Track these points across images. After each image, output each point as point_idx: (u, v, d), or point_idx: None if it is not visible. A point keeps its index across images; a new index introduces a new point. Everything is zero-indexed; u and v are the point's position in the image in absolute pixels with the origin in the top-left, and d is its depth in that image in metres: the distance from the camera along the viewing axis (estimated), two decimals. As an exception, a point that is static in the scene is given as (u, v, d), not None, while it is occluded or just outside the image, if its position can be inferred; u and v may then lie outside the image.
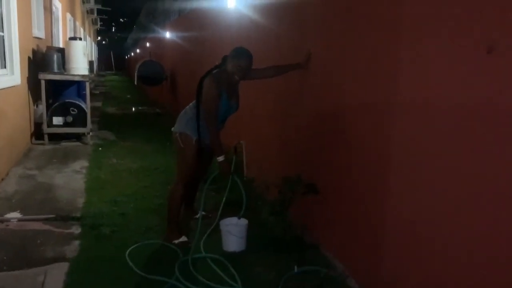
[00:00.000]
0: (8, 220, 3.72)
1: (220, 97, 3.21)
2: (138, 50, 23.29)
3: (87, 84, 7.23)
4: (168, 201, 3.52)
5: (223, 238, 3.34)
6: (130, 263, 3.02)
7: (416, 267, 2.20)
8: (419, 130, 2.17)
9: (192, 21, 8.57)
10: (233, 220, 3.45)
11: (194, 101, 3.38)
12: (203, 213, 3.55)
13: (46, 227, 3.63)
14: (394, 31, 2.37)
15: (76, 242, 3.36)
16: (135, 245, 3.31)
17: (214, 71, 3.30)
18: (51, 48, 7.61)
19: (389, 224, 2.44)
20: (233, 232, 3.27)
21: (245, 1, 5.03)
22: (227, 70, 3.24)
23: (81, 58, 7.14)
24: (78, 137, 7.32)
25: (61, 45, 9.87)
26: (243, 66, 3.21)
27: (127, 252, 3.17)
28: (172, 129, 3.49)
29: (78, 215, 3.87)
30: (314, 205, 3.32)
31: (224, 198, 3.68)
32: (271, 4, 4.28)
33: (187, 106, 3.49)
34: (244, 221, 3.40)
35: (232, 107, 3.41)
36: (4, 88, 5.04)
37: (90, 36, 24.76)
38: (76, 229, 3.60)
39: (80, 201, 4.28)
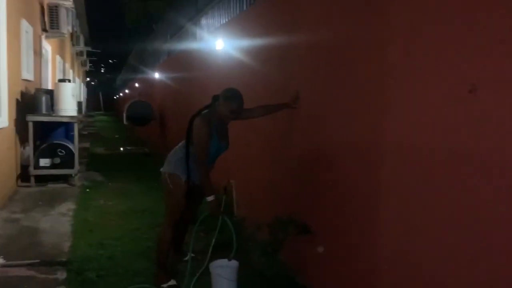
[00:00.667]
0: (-10, 266, 3.60)
1: (210, 137, 3.21)
2: (127, 91, 23.47)
3: (76, 125, 7.22)
4: (156, 244, 3.45)
5: (213, 281, 3.26)
6: (117, 310, 2.92)
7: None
8: (408, 169, 2.19)
9: (181, 62, 8.71)
10: (224, 262, 3.37)
11: (183, 141, 3.36)
12: (192, 255, 3.47)
13: (30, 272, 3.51)
14: (380, 73, 2.43)
15: (61, 288, 3.25)
16: (123, 290, 3.21)
17: (205, 111, 3.31)
18: (40, 90, 7.62)
19: (383, 265, 2.41)
20: (224, 275, 3.19)
21: (233, 43, 5.15)
22: (218, 110, 3.25)
23: (70, 99, 7.15)
24: (65, 178, 7.22)
25: (50, 87, 9.90)
26: (236, 109, 3.22)
27: (114, 298, 3.07)
28: (161, 169, 3.46)
29: (64, 259, 3.77)
30: (306, 246, 3.28)
31: (213, 240, 3.62)
32: (259, 46, 4.39)
33: (176, 146, 3.47)
34: (234, 263, 3.33)
35: (222, 147, 3.40)
36: (-9, 131, 5.00)
37: (79, 77, 24.94)
38: (61, 275, 3.49)
39: (66, 245, 4.17)
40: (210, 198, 3.21)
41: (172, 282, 3.36)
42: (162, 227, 3.50)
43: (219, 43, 5.42)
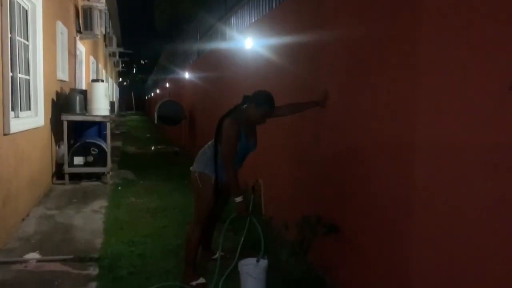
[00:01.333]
0: (26, 261, 3.72)
1: (239, 137, 3.21)
2: (158, 91, 23.85)
3: (108, 125, 7.39)
4: (185, 242, 3.48)
5: (242, 280, 3.26)
6: (147, 307, 2.96)
7: (444, 313, 2.09)
8: (441, 168, 2.11)
9: (211, 61, 8.77)
10: (252, 261, 3.37)
11: (212, 141, 3.39)
12: (221, 253, 3.49)
13: (64, 268, 3.61)
14: (411, 70, 2.36)
15: (93, 284, 3.32)
16: (153, 287, 3.25)
17: (234, 111, 3.32)
18: (74, 90, 7.84)
19: (414, 265, 2.34)
20: (252, 274, 3.19)
21: (262, 42, 5.13)
22: (250, 113, 3.28)
23: (103, 99, 7.33)
24: (98, 176, 7.40)
25: (83, 87, 10.18)
26: (268, 114, 3.29)
27: (144, 295, 3.11)
28: (191, 168, 3.49)
29: (96, 256, 3.85)
30: (335, 246, 3.23)
31: (242, 239, 3.62)
32: (288, 44, 4.36)
33: (206, 145, 3.49)
34: (263, 263, 3.32)
35: (250, 147, 3.41)
36: (28, 130, 5.17)
37: (112, 77, 25.52)
38: (93, 271, 3.57)
39: (98, 241, 4.27)
40: (238, 199, 3.23)
41: (201, 280, 3.39)
42: (190, 225, 3.53)
43: (248, 42, 5.42)
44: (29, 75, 5.66)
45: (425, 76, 2.25)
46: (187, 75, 11.71)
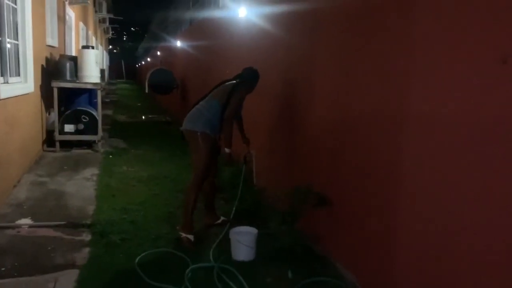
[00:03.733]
0: (19, 226, 3.75)
1: None
2: (149, 59, 23.51)
3: (99, 92, 7.31)
4: (184, 197, 3.75)
5: (233, 247, 3.33)
6: (140, 272, 3.02)
7: (430, 280, 2.17)
8: (432, 140, 2.15)
9: (203, 30, 8.64)
10: (243, 229, 3.44)
11: (204, 101, 3.71)
12: (224, 218, 3.97)
13: (57, 234, 3.65)
14: (406, 40, 2.36)
15: (86, 250, 3.36)
16: (145, 253, 3.31)
17: (239, 80, 3.80)
18: (64, 57, 7.71)
19: (401, 235, 2.41)
20: (243, 242, 3.26)
21: (256, 10, 5.06)
22: (243, 83, 3.77)
23: (93, 66, 7.22)
24: (89, 144, 7.38)
25: (73, 54, 10.00)
26: (254, 87, 3.87)
27: (137, 261, 3.17)
28: (186, 127, 3.67)
29: (89, 222, 3.89)
30: (325, 215, 3.30)
31: (234, 208, 3.69)
32: (281, 13, 4.30)
33: (199, 106, 3.72)
34: (254, 230, 3.39)
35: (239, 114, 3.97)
36: (17, 96, 5.10)
37: (102, 44, 25.04)
38: (86, 237, 3.61)
39: (91, 208, 4.30)
40: (227, 150, 3.66)
41: (191, 236, 3.54)
42: (191, 181, 3.68)
43: (241, 10, 5.34)
44: (17, 40, 5.54)
45: (419, 49, 2.26)
46: (178, 43, 11.54)
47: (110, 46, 44.24)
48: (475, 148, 1.88)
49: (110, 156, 6.79)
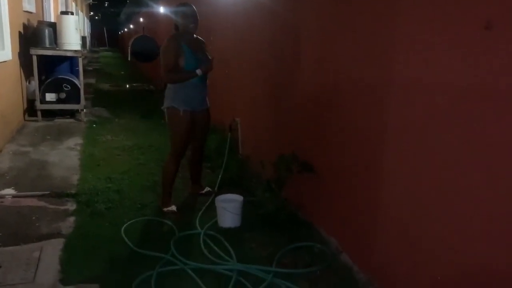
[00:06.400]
0: (3, 196, 3.71)
1: (180, 50, 3.40)
2: (131, 26, 22.92)
3: (80, 60, 7.13)
4: (162, 173, 3.66)
5: (218, 214, 3.36)
6: (126, 239, 3.04)
7: (410, 245, 2.23)
8: (415, 109, 2.16)
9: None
10: (228, 196, 3.47)
11: None
12: (209, 189, 3.90)
13: (41, 203, 3.63)
14: (390, 6, 2.33)
15: (71, 219, 3.36)
16: (130, 221, 3.33)
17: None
18: (42, 23, 7.46)
19: (383, 202, 2.45)
20: (229, 209, 3.29)
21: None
22: (181, 28, 3.51)
23: (74, 33, 7.01)
24: (71, 114, 7.26)
25: (52, 20, 9.67)
26: (188, 12, 3.47)
27: (123, 229, 3.19)
28: (162, 107, 3.61)
29: (73, 192, 3.87)
30: (309, 183, 3.33)
31: (220, 176, 3.70)
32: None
33: None
34: (239, 198, 3.42)
35: (201, 60, 3.51)
36: (-5, 64, 4.96)
37: (82, 11, 24.26)
38: (71, 206, 3.60)
39: (75, 178, 4.28)
40: (198, 71, 3.41)
41: (173, 208, 3.58)
42: (167, 158, 3.65)
43: (225, -25, 5.19)
44: (-8, 5, 5.34)
45: (402, 15, 2.23)
46: (162, 9, 11.23)
47: (91, 13, 42.89)
48: (458, 114, 1.89)
49: (94, 126, 6.71)
